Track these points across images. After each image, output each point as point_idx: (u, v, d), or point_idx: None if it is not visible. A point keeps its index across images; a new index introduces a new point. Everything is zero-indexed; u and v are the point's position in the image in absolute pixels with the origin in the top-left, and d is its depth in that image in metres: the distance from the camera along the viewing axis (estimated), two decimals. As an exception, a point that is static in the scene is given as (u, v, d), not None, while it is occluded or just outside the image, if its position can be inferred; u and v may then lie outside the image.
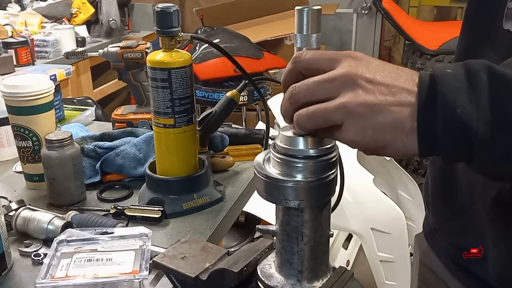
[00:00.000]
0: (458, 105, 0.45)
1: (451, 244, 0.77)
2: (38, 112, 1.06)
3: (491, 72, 0.46)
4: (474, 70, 0.46)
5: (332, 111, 0.48)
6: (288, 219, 0.54)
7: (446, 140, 0.46)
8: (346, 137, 0.49)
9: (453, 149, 0.47)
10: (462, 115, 0.45)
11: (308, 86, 0.50)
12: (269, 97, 2.42)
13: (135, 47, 1.34)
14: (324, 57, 0.51)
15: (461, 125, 0.45)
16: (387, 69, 0.49)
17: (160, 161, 1.02)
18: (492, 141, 0.45)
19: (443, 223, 0.80)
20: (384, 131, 0.47)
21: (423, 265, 0.87)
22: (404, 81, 0.48)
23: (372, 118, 0.47)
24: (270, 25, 2.98)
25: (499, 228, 0.66)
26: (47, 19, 3.08)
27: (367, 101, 0.47)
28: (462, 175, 0.74)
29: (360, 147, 0.50)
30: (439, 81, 0.46)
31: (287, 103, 0.51)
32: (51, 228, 0.89)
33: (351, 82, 0.48)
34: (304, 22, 0.53)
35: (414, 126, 0.47)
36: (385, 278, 1.93)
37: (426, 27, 3.18)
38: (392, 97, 0.47)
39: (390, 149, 0.48)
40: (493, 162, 0.47)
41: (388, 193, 2.17)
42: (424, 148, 0.47)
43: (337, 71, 0.49)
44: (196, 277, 0.59)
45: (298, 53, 0.52)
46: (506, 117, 0.45)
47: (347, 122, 0.48)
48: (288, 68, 0.53)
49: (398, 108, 0.47)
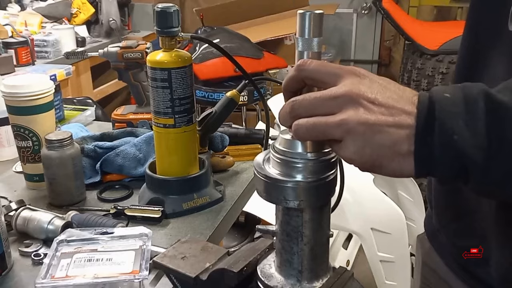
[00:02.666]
0: (455, 132, 0.46)
1: (454, 245, 0.77)
2: (38, 112, 1.06)
3: (488, 98, 0.47)
4: (472, 96, 0.47)
5: (332, 126, 0.49)
6: (288, 219, 0.54)
7: (443, 165, 0.47)
8: (344, 154, 0.50)
9: (449, 173, 0.48)
10: (459, 142, 0.46)
11: (310, 102, 0.50)
12: (269, 97, 2.42)
13: (135, 47, 1.34)
14: (329, 70, 0.51)
15: (458, 151, 0.46)
16: (389, 89, 0.50)
17: (160, 161, 1.02)
18: (487, 167, 0.46)
19: (446, 223, 0.80)
20: (381, 152, 0.48)
21: (426, 265, 0.87)
22: (405, 103, 0.49)
23: (371, 138, 0.48)
24: (270, 25, 2.98)
25: (504, 231, 0.66)
26: (47, 19, 3.08)
27: (368, 120, 0.48)
28: None
29: (356, 164, 0.51)
30: (437, 106, 0.47)
31: (287, 116, 0.52)
32: (51, 228, 0.89)
33: (353, 101, 0.48)
34: (306, 26, 0.54)
35: (411, 149, 0.48)
36: (385, 278, 1.93)
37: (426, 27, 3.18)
38: (392, 118, 0.48)
39: (386, 169, 0.49)
40: (488, 186, 0.48)
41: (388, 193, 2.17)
42: (420, 170, 0.48)
43: (340, 88, 0.49)
44: (196, 277, 0.59)
45: (302, 61, 0.53)
46: (502, 144, 0.46)
47: (346, 140, 0.49)
48: (291, 75, 0.53)
49: (397, 130, 0.48)
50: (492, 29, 0.68)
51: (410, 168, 0.48)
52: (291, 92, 0.54)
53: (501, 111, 0.47)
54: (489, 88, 0.48)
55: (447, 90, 0.49)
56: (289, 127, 0.52)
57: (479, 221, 0.70)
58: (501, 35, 0.65)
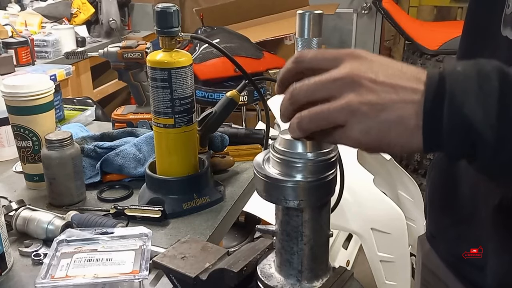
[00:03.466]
0: (465, 106, 0.45)
1: (451, 252, 0.77)
2: (38, 112, 1.06)
3: (502, 76, 0.46)
4: (486, 72, 0.46)
5: (335, 111, 0.48)
6: (288, 219, 0.54)
7: (451, 140, 0.46)
8: (350, 135, 0.48)
9: (457, 149, 0.46)
10: (469, 117, 0.45)
11: (309, 87, 0.49)
12: (269, 97, 2.42)
13: (135, 47, 1.34)
14: (327, 56, 0.50)
15: (467, 126, 0.45)
16: (390, 67, 0.49)
17: (160, 161, 1.02)
18: (496, 147, 0.45)
19: (442, 230, 0.80)
20: (388, 129, 0.47)
21: (425, 267, 0.86)
22: (408, 80, 0.48)
23: (376, 116, 0.47)
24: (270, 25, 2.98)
25: (501, 237, 0.65)
26: (47, 19, 3.07)
27: (370, 100, 0.47)
28: (464, 182, 0.73)
29: (363, 147, 0.49)
30: (448, 80, 0.46)
31: (287, 103, 0.51)
32: (51, 228, 0.89)
33: (354, 82, 0.47)
34: (306, 26, 0.54)
35: (419, 123, 0.46)
36: (385, 278, 1.93)
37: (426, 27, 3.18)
38: (396, 96, 0.47)
39: (394, 147, 0.48)
40: (495, 166, 0.47)
41: (388, 193, 2.17)
42: (428, 145, 0.47)
43: (340, 71, 0.48)
44: (196, 277, 0.59)
45: (299, 53, 0.52)
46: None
47: (350, 122, 0.47)
48: (289, 67, 0.52)
49: (402, 106, 0.47)
50: (486, 33, 0.68)
51: (419, 143, 0.47)
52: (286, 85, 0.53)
53: None
54: (503, 65, 0.47)
55: (459, 65, 0.47)
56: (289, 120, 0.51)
57: (475, 227, 0.70)
58: (495, 40, 0.65)
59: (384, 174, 2.27)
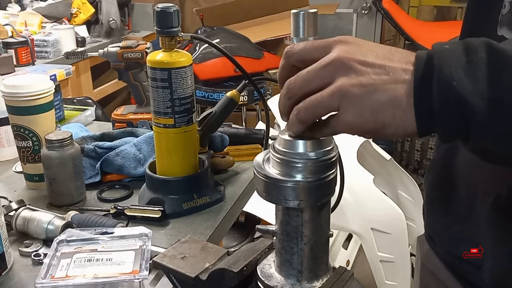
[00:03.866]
0: (454, 79, 0.45)
1: (449, 252, 0.77)
2: (38, 112, 1.06)
3: (490, 48, 0.46)
4: (473, 46, 0.46)
5: (328, 96, 0.48)
6: (288, 219, 0.54)
7: (443, 114, 0.46)
8: (345, 119, 0.48)
9: (450, 124, 0.46)
10: (458, 88, 0.44)
11: (303, 78, 0.50)
12: (269, 97, 2.43)
13: (135, 47, 1.34)
14: (316, 46, 0.51)
15: (457, 98, 0.44)
16: (379, 49, 0.49)
17: (160, 161, 1.02)
18: (488, 116, 0.44)
19: (440, 231, 0.80)
20: (381, 110, 0.47)
21: (425, 267, 0.86)
22: (399, 60, 0.48)
23: (368, 97, 0.47)
24: (270, 25, 2.98)
25: (497, 236, 0.66)
26: (47, 19, 3.08)
27: (361, 81, 0.47)
28: (460, 182, 0.73)
29: (359, 129, 0.49)
30: (436, 55, 0.46)
31: (285, 99, 0.51)
32: (51, 228, 0.89)
33: (344, 66, 0.48)
34: (301, 26, 0.54)
35: (411, 101, 0.46)
36: (385, 278, 1.93)
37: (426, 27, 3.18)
38: (387, 76, 0.47)
39: (389, 128, 0.48)
40: (490, 137, 0.46)
41: (388, 193, 2.17)
42: (421, 123, 0.47)
43: (329, 56, 0.49)
44: (196, 277, 0.59)
45: (289, 47, 0.52)
46: (503, 92, 0.44)
47: (343, 105, 0.47)
48: (282, 64, 0.53)
49: (394, 86, 0.47)
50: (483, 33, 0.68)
51: (413, 123, 0.46)
52: None
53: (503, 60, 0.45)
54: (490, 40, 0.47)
55: (447, 43, 0.48)
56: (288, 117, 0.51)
57: (472, 227, 0.70)
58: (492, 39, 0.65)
59: (384, 174, 2.27)
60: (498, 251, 0.66)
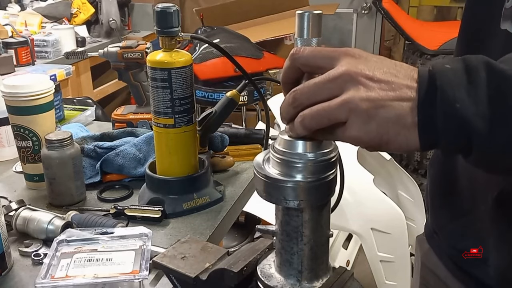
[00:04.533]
0: (457, 100, 0.46)
1: (452, 246, 0.77)
2: (38, 112, 1.06)
3: (489, 68, 0.47)
4: (473, 65, 0.47)
5: (335, 108, 0.48)
6: (288, 219, 0.54)
7: (446, 134, 0.47)
8: (350, 133, 0.49)
9: (452, 143, 0.47)
10: (461, 110, 0.46)
11: (310, 89, 0.50)
12: (269, 97, 2.42)
13: (135, 47, 1.34)
14: (323, 54, 0.51)
15: (460, 119, 0.46)
16: (386, 65, 0.50)
17: (160, 161, 1.02)
18: (489, 135, 0.46)
19: (443, 225, 0.80)
20: (387, 126, 0.48)
21: (425, 266, 0.87)
22: (404, 77, 0.49)
23: (375, 113, 0.48)
24: (270, 25, 2.98)
25: (501, 230, 0.66)
26: (47, 19, 3.07)
27: (370, 96, 0.48)
28: (462, 177, 0.73)
29: (364, 144, 0.50)
30: (438, 76, 0.47)
31: (289, 107, 0.51)
32: (51, 228, 0.89)
33: (353, 80, 0.48)
34: (305, 27, 0.54)
35: (415, 120, 0.47)
36: (385, 278, 1.93)
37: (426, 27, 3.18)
38: (393, 93, 0.48)
39: (393, 144, 0.49)
40: (491, 154, 0.47)
41: (388, 193, 2.17)
42: (425, 142, 0.48)
43: (337, 70, 0.49)
44: (196, 277, 0.59)
45: (295, 50, 0.52)
46: (503, 111, 0.46)
47: (351, 118, 0.48)
48: (287, 65, 0.53)
49: (399, 103, 0.48)
50: (485, 28, 0.68)
51: (416, 141, 0.48)
52: (290, 83, 0.54)
53: (502, 80, 0.46)
54: (490, 59, 0.48)
55: (447, 62, 0.49)
56: (292, 119, 0.52)
57: (475, 221, 0.70)
58: (494, 34, 0.65)
59: (384, 174, 2.27)
60: (502, 245, 0.66)
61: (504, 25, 0.64)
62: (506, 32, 0.63)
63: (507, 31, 0.63)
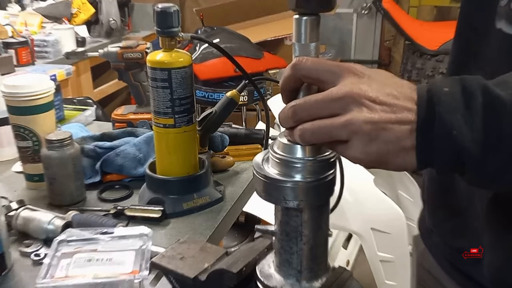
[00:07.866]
0: (454, 127, 0.47)
1: (447, 245, 0.77)
2: (38, 112, 1.06)
3: (486, 93, 0.48)
4: (471, 89, 0.48)
5: (338, 128, 0.49)
6: (287, 219, 0.54)
7: (441, 158, 0.49)
8: (351, 154, 0.50)
9: (446, 165, 0.49)
10: (458, 137, 0.47)
11: (312, 106, 0.50)
12: (269, 97, 2.42)
13: (135, 47, 1.34)
14: (326, 69, 0.51)
15: (456, 146, 0.47)
16: (388, 85, 0.50)
17: (160, 161, 1.03)
18: (483, 160, 0.48)
19: (439, 223, 0.80)
20: (387, 148, 0.49)
21: (421, 266, 0.87)
22: (404, 99, 0.49)
23: (377, 136, 0.48)
24: (270, 25, 2.98)
25: (496, 230, 0.66)
26: (47, 19, 3.07)
27: (372, 119, 0.48)
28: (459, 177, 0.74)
29: (363, 163, 0.51)
30: (436, 100, 0.48)
31: (289, 120, 0.52)
32: (51, 228, 0.89)
33: (356, 101, 0.49)
34: (302, 31, 0.53)
35: (414, 143, 0.49)
36: (385, 278, 1.93)
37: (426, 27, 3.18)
38: (394, 116, 0.49)
39: (391, 165, 0.50)
40: (482, 178, 0.49)
41: (388, 193, 2.17)
42: (421, 163, 0.49)
43: (341, 89, 0.49)
44: (195, 277, 0.59)
45: (298, 60, 0.52)
46: (498, 138, 0.47)
47: (353, 140, 0.49)
48: (288, 74, 0.53)
49: (399, 126, 0.49)
50: (480, 27, 0.68)
51: (413, 162, 0.49)
52: (289, 91, 0.54)
53: (498, 106, 0.47)
54: (486, 82, 0.49)
55: (445, 83, 0.49)
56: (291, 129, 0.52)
57: (471, 220, 0.70)
58: (490, 33, 0.65)
59: (384, 174, 2.27)
60: (497, 244, 0.66)
61: (499, 24, 0.63)
62: (501, 31, 0.63)
63: (502, 30, 0.63)
